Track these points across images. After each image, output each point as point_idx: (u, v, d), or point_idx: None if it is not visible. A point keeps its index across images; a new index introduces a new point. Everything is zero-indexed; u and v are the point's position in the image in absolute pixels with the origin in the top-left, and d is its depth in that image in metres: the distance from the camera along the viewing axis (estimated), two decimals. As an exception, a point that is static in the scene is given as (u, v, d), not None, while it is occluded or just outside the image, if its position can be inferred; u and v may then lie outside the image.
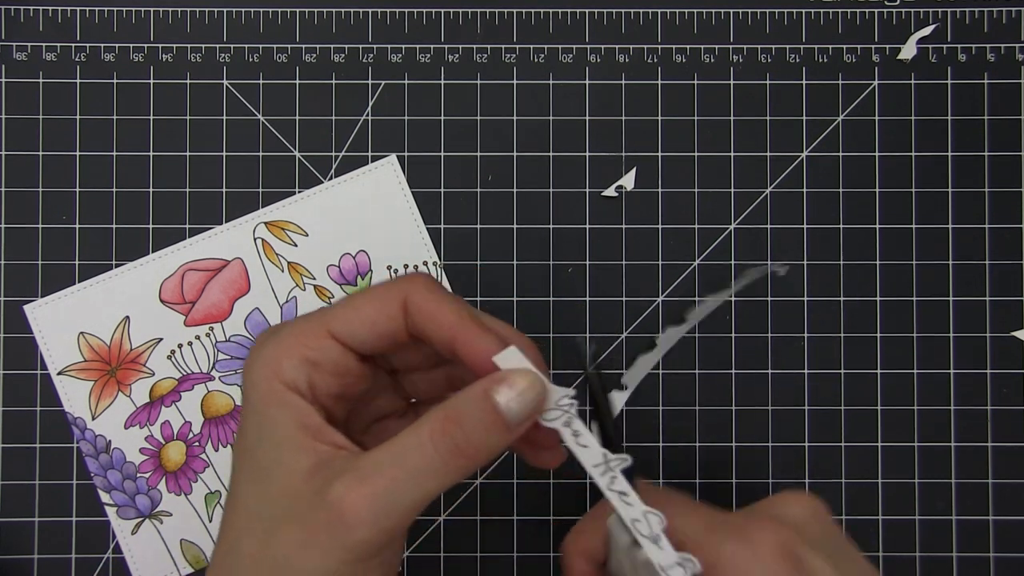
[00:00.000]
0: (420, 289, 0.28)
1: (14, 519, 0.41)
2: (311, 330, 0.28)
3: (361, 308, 0.28)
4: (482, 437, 0.26)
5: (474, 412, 0.27)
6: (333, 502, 0.25)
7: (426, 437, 0.26)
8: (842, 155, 0.43)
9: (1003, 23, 0.43)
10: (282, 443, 0.27)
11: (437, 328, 0.28)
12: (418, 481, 0.26)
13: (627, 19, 0.43)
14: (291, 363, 0.27)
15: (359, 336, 0.28)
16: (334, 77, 0.43)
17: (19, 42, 0.42)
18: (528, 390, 0.27)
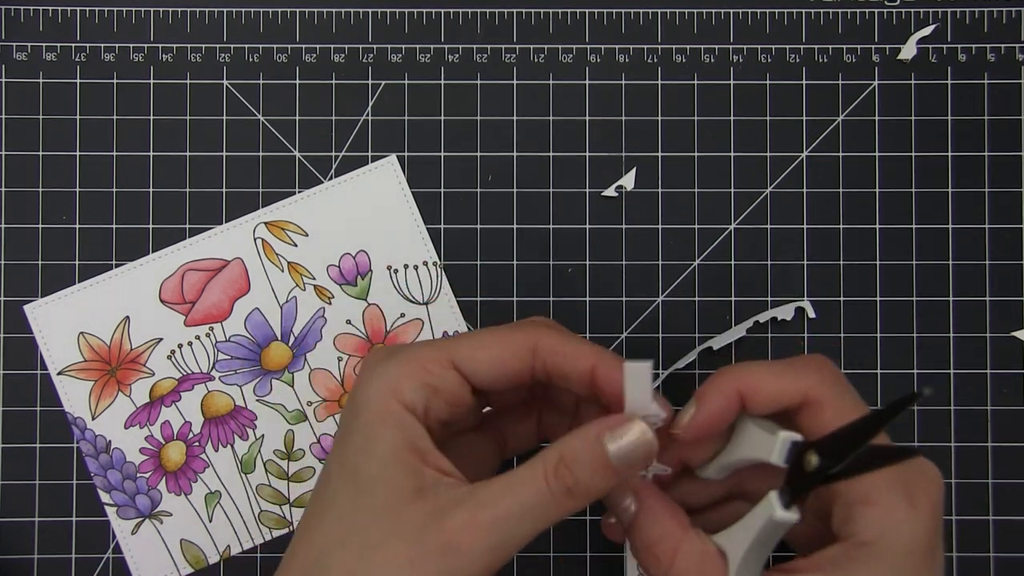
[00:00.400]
0: (552, 332, 0.30)
1: (14, 519, 0.41)
2: (435, 357, 0.29)
3: (490, 347, 0.29)
4: (591, 481, 0.28)
5: (586, 456, 0.28)
6: (450, 529, 0.26)
7: (541, 476, 0.27)
8: (842, 155, 0.43)
9: (1003, 23, 0.43)
10: (391, 461, 0.28)
11: (576, 364, 0.29)
12: (531, 517, 0.27)
13: (627, 19, 0.43)
14: (411, 385, 0.28)
15: (481, 372, 0.29)
16: (334, 77, 0.43)
17: (19, 42, 0.42)
18: (638, 442, 0.28)
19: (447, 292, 0.42)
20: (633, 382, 0.29)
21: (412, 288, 0.42)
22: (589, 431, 0.28)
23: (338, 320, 0.42)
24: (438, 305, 0.42)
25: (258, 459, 0.42)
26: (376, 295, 0.42)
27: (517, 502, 0.27)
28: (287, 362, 0.42)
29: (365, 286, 0.42)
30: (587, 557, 0.42)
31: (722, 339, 0.42)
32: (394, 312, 0.42)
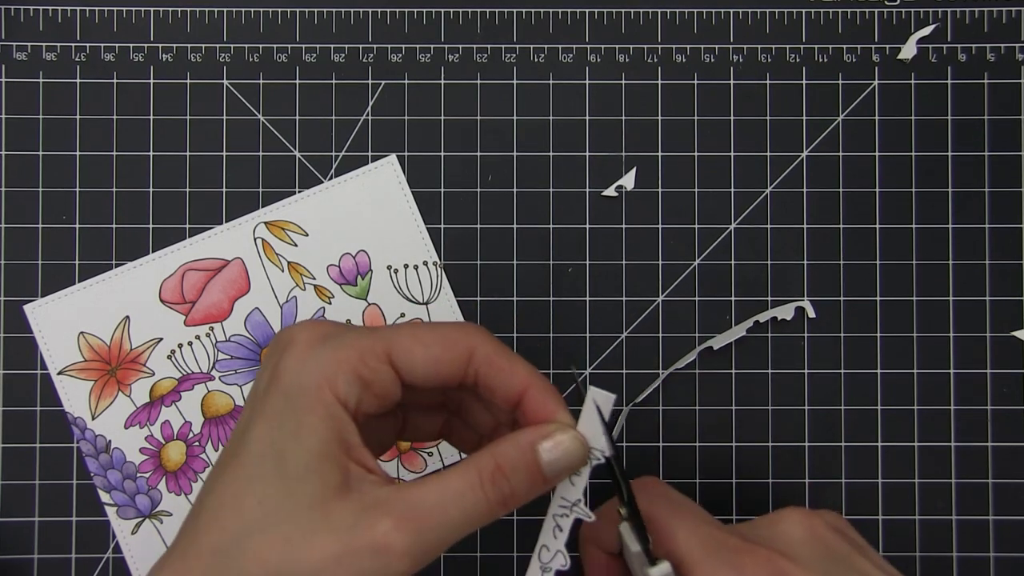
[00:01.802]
0: (489, 342, 0.30)
1: (14, 519, 0.41)
2: (371, 350, 0.28)
3: (429, 345, 0.29)
4: (525, 488, 0.28)
5: (520, 465, 0.28)
6: (382, 529, 0.26)
7: (478, 484, 0.27)
8: (842, 155, 0.43)
9: (1003, 23, 0.43)
10: (320, 453, 0.27)
11: (509, 381, 0.29)
12: (465, 523, 0.27)
13: (627, 19, 0.43)
14: (346, 377, 0.28)
15: (417, 369, 0.29)
16: (334, 77, 0.43)
17: (19, 42, 0.42)
18: (571, 451, 0.29)
19: (447, 292, 0.42)
20: (592, 409, 0.29)
21: (412, 288, 0.42)
22: (523, 437, 0.28)
23: (338, 320, 0.42)
24: (438, 305, 0.42)
25: (258, 459, 0.42)
26: (376, 295, 0.42)
27: (453, 508, 0.27)
28: (287, 362, 0.42)
29: (365, 286, 0.42)
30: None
31: (722, 339, 0.42)
32: (394, 312, 0.42)
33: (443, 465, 0.42)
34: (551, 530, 0.30)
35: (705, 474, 0.42)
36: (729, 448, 0.42)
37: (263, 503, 0.27)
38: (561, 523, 0.30)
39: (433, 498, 0.27)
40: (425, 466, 0.42)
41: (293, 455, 0.27)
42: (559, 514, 0.30)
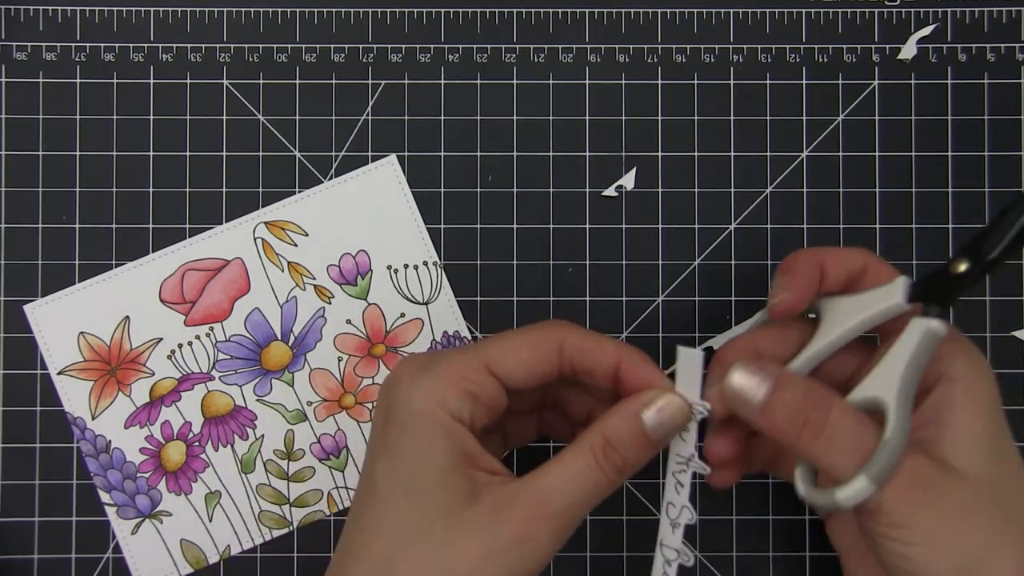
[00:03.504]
0: (573, 330, 0.32)
1: (14, 519, 0.41)
2: (471, 365, 0.30)
3: (520, 350, 0.31)
4: (637, 457, 0.30)
5: (628, 434, 0.30)
6: (518, 521, 0.28)
7: (592, 460, 0.29)
8: (842, 155, 0.43)
9: (1003, 23, 0.43)
10: (447, 468, 0.29)
11: (601, 360, 0.31)
12: (590, 499, 0.29)
13: (627, 19, 0.43)
14: (456, 395, 0.30)
15: (515, 375, 0.31)
16: (334, 77, 0.43)
17: (19, 42, 0.42)
18: (674, 413, 0.31)
19: (447, 292, 0.42)
20: (685, 367, 0.31)
21: (412, 288, 0.42)
22: (627, 408, 0.30)
23: (338, 320, 0.42)
24: (438, 305, 0.42)
25: (258, 459, 0.42)
26: (376, 295, 0.42)
27: (577, 487, 0.29)
28: (287, 362, 0.42)
29: (365, 286, 0.42)
30: (587, 557, 0.42)
31: (722, 339, 0.42)
32: (394, 312, 0.42)
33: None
34: (672, 487, 0.32)
35: (705, 474, 0.42)
36: (729, 448, 0.42)
37: (404, 527, 0.29)
38: (680, 479, 0.32)
39: (557, 482, 0.29)
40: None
41: (421, 476, 0.29)
42: (677, 471, 0.32)
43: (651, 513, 0.42)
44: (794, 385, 0.30)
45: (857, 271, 0.33)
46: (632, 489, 0.42)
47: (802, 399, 0.30)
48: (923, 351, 0.30)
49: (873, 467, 0.29)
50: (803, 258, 0.33)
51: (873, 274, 0.33)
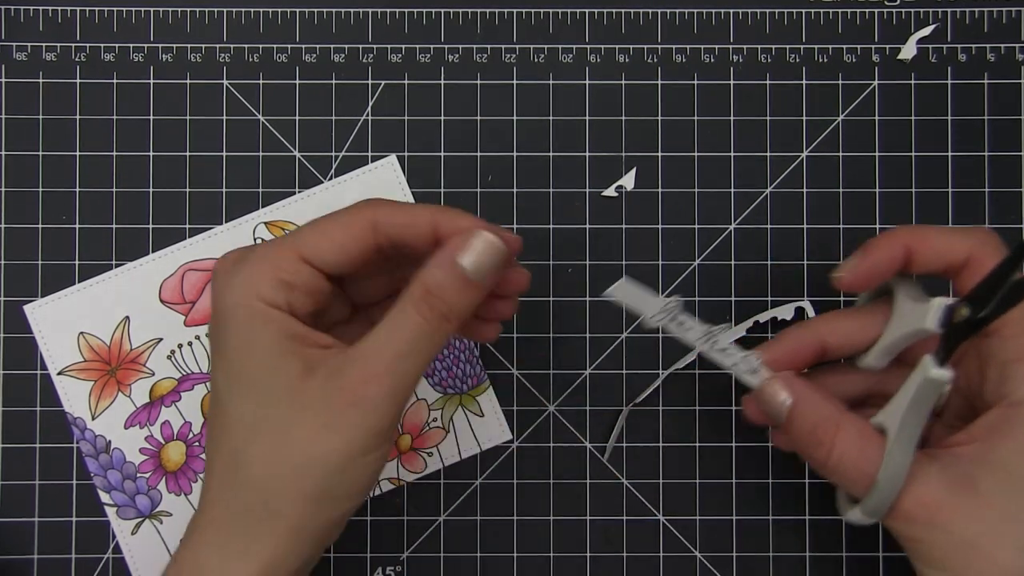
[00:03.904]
0: (387, 205, 0.31)
1: (14, 519, 0.41)
2: (284, 255, 0.30)
3: (331, 233, 0.30)
4: (459, 300, 0.29)
5: (448, 280, 0.29)
6: (350, 386, 0.28)
7: (415, 313, 0.29)
8: (842, 155, 0.43)
9: (1003, 23, 0.43)
10: (273, 352, 0.29)
11: (416, 229, 0.30)
12: (419, 352, 0.29)
13: (627, 19, 0.43)
14: (269, 284, 0.29)
15: (329, 259, 0.30)
16: (334, 77, 0.43)
17: (19, 42, 0.42)
18: (489, 251, 0.30)
19: (447, 292, 0.42)
20: (628, 299, 0.32)
21: (412, 288, 0.42)
22: (443, 256, 0.29)
23: (338, 320, 0.42)
24: (438, 305, 0.42)
25: (258, 459, 0.42)
26: (376, 295, 0.42)
27: (403, 343, 0.29)
28: (287, 362, 0.42)
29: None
30: (587, 557, 0.42)
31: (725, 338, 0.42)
32: (394, 312, 0.42)
33: (443, 465, 0.42)
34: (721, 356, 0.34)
35: (705, 474, 0.42)
36: (729, 448, 0.42)
37: (243, 417, 0.29)
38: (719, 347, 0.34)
39: (384, 340, 0.29)
40: (425, 466, 0.42)
41: (250, 367, 0.29)
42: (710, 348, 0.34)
43: (651, 513, 0.42)
44: (810, 403, 0.31)
45: (958, 263, 0.31)
46: (632, 489, 0.42)
47: (813, 419, 0.31)
48: (924, 397, 0.30)
49: (868, 503, 0.30)
50: (884, 240, 0.32)
51: (975, 269, 0.31)
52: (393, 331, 0.29)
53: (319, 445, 0.28)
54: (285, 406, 0.29)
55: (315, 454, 0.28)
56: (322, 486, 0.28)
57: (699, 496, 0.42)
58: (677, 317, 0.34)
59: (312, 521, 0.29)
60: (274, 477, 0.28)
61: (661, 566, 0.42)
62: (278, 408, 0.29)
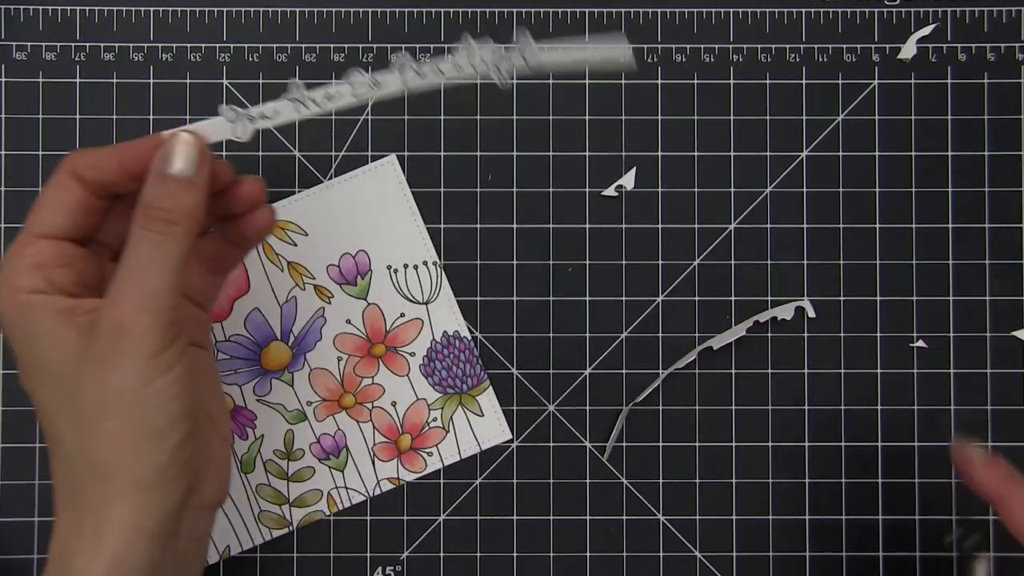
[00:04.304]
0: (78, 154, 0.31)
1: (14, 519, 0.41)
2: (22, 241, 0.31)
3: (45, 199, 0.31)
4: (173, 200, 0.30)
5: (154, 187, 0.30)
6: (107, 322, 0.28)
7: (138, 229, 0.30)
8: (842, 155, 0.43)
9: (1003, 23, 0.43)
10: (48, 332, 0.29)
11: (106, 165, 0.31)
12: (157, 261, 0.29)
13: (627, 19, 0.43)
14: (21, 274, 0.30)
15: (57, 223, 0.31)
16: (334, 77, 0.43)
17: (19, 42, 0.42)
18: (178, 147, 0.30)
19: (447, 292, 0.42)
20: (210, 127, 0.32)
21: (412, 288, 0.42)
22: (150, 170, 0.30)
23: (338, 320, 0.42)
24: (438, 305, 0.42)
25: (258, 459, 0.42)
26: (376, 295, 0.42)
27: (138, 261, 0.29)
28: (287, 362, 0.42)
29: (365, 286, 0.42)
30: (587, 557, 0.42)
31: (722, 339, 0.42)
32: (394, 312, 0.42)
33: (443, 465, 0.42)
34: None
35: (705, 474, 0.42)
36: (729, 448, 0.42)
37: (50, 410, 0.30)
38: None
39: (121, 269, 0.29)
40: (425, 466, 0.42)
41: (39, 354, 0.30)
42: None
43: (651, 513, 0.42)
44: (996, 467, 0.35)
45: None
46: (632, 489, 0.42)
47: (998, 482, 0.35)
48: None
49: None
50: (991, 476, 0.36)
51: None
52: (128, 256, 0.29)
53: (104, 388, 0.28)
54: (73, 374, 0.29)
55: (104, 398, 0.28)
56: (125, 426, 0.28)
57: (699, 496, 0.42)
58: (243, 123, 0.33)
59: (142, 466, 0.29)
60: (84, 439, 0.29)
61: (661, 566, 0.42)
62: (69, 379, 0.29)
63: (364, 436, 0.42)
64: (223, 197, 0.33)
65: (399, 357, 0.42)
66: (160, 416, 0.29)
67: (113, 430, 0.29)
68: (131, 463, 0.29)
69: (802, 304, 0.42)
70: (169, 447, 0.29)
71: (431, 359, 0.42)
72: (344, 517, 0.42)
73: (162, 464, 0.29)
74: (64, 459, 0.30)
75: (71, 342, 0.29)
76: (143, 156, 0.31)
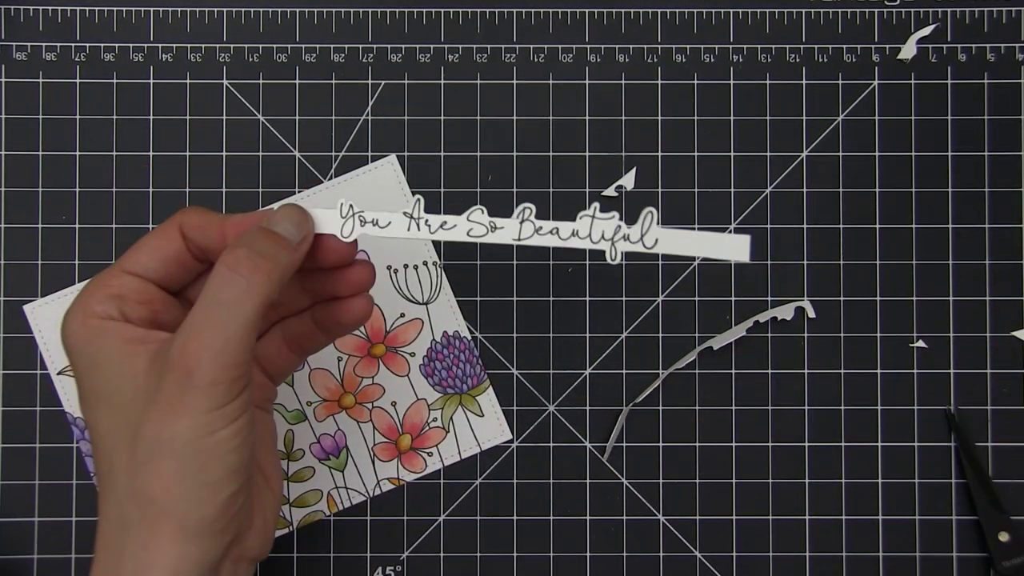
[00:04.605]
0: (192, 210, 0.32)
1: (14, 519, 0.41)
2: (109, 273, 0.31)
3: (147, 242, 0.31)
4: (264, 245, 0.30)
5: (256, 236, 0.30)
6: (173, 363, 0.28)
7: (221, 267, 0.29)
8: (842, 155, 0.43)
9: (1003, 23, 0.43)
10: (114, 360, 0.29)
11: (209, 229, 0.31)
12: (235, 308, 0.28)
13: (627, 19, 0.43)
14: (98, 301, 0.30)
15: (149, 265, 0.31)
16: (334, 77, 0.43)
17: (19, 42, 0.42)
18: (292, 212, 0.31)
19: (447, 292, 0.42)
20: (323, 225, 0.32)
21: (412, 288, 0.42)
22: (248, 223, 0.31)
23: (338, 320, 0.42)
24: (438, 305, 0.42)
25: (258, 459, 0.42)
26: (376, 295, 0.42)
27: (216, 303, 0.28)
28: (287, 362, 0.42)
29: (365, 286, 0.42)
30: (587, 557, 0.42)
31: (722, 339, 0.42)
32: (394, 312, 0.42)
33: (443, 465, 0.42)
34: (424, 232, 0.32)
35: (705, 474, 0.42)
36: (729, 448, 0.42)
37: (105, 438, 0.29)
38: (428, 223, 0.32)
39: (197, 306, 0.29)
40: (425, 466, 0.42)
41: (103, 381, 0.29)
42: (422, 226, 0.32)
43: (651, 513, 0.42)
44: None
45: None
46: (632, 489, 0.42)
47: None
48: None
49: None
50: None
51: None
52: (206, 295, 0.29)
53: (165, 431, 0.28)
54: (136, 405, 0.29)
55: (164, 440, 0.28)
56: (182, 472, 0.28)
57: (699, 496, 0.42)
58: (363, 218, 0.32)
59: (193, 512, 0.28)
60: (136, 478, 0.28)
61: (661, 566, 0.42)
62: (131, 410, 0.29)
63: (364, 436, 0.42)
64: (331, 277, 0.33)
65: (399, 357, 0.42)
66: (218, 467, 0.28)
67: (168, 474, 0.28)
68: (181, 510, 0.28)
69: (802, 304, 0.42)
70: (222, 499, 0.29)
71: (431, 359, 0.42)
72: (344, 517, 0.42)
73: (211, 515, 0.29)
74: (113, 496, 0.29)
75: (138, 373, 0.29)
76: (247, 226, 0.31)
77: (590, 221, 0.32)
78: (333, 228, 0.32)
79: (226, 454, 0.28)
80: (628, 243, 0.32)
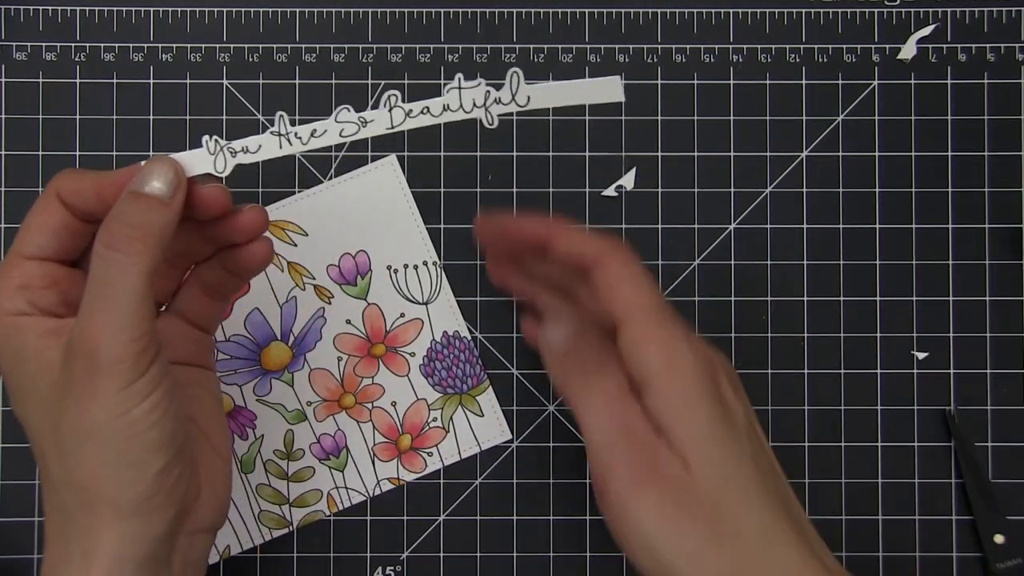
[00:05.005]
0: (65, 176, 0.31)
1: (14, 519, 0.41)
2: (7, 265, 0.31)
3: (30, 221, 0.31)
4: (144, 217, 0.29)
5: (127, 207, 0.29)
6: (76, 350, 0.28)
7: (100, 247, 0.28)
8: (842, 155, 0.43)
9: (1003, 23, 0.43)
10: (33, 355, 0.29)
11: (86, 194, 0.30)
12: (122, 284, 0.28)
13: (627, 19, 0.43)
14: (6, 296, 0.30)
15: (41, 243, 0.31)
16: (334, 77, 0.43)
17: (19, 42, 0.42)
18: (151, 166, 0.30)
19: (447, 292, 0.42)
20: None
21: (412, 288, 0.42)
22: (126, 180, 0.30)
23: (338, 320, 0.42)
24: (438, 305, 0.42)
25: (258, 459, 0.42)
26: (376, 295, 0.42)
27: (104, 282, 0.28)
28: (287, 362, 0.42)
29: (365, 286, 0.42)
30: (587, 557, 0.42)
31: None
32: (394, 312, 0.42)
33: (443, 465, 0.42)
34: None
35: (705, 474, 0.42)
36: (729, 448, 0.42)
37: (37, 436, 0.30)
38: None
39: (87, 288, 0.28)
40: (425, 466, 0.42)
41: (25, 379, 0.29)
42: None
43: (651, 513, 0.42)
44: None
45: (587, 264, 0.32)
46: (632, 489, 0.42)
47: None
48: None
49: None
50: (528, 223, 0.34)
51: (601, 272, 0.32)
52: (92, 278, 0.29)
53: (81, 417, 0.28)
54: (55, 398, 0.29)
55: (82, 427, 0.28)
56: (103, 455, 0.28)
57: (699, 496, 0.42)
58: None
59: (121, 496, 0.28)
60: (66, 467, 0.29)
61: (661, 566, 0.42)
62: (51, 402, 0.29)
63: (364, 436, 0.42)
64: (223, 225, 0.32)
65: (399, 357, 0.42)
66: (136, 445, 0.28)
67: (92, 459, 0.28)
68: (111, 492, 0.28)
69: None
70: (149, 476, 0.28)
71: (431, 359, 0.42)
72: (344, 517, 0.42)
73: (143, 493, 0.28)
74: (51, 485, 0.29)
75: (53, 367, 0.29)
76: (120, 185, 0.30)
77: (458, 92, 0.32)
78: (206, 167, 0.31)
79: (145, 431, 0.28)
80: (501, 105, 0.32)
